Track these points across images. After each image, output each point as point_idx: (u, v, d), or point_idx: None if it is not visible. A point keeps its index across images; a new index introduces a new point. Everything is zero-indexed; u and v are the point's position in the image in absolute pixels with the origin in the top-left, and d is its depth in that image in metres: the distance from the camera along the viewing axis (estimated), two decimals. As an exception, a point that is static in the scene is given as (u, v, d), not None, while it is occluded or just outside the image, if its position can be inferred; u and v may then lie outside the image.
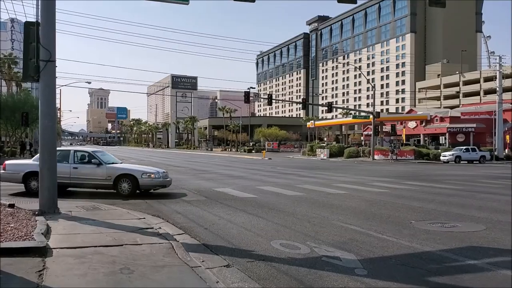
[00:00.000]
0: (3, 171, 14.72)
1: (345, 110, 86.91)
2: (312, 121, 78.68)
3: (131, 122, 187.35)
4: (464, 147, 49.54)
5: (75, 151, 14.85)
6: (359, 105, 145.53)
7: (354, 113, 62.47)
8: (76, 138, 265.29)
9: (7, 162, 15.56)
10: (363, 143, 75.77)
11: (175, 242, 7.50)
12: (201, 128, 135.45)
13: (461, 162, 44.62)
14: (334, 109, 78.65)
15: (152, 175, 14.08)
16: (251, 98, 50.52)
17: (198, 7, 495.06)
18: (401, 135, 61.04)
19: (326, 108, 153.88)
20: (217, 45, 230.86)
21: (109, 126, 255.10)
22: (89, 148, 16.43)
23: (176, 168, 30.17)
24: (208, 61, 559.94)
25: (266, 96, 49.76)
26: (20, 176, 14.19)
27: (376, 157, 50.80)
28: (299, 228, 8.87)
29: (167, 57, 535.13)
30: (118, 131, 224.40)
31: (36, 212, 9.55)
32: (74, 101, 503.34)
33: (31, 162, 14.36)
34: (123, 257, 6.45)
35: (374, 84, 67.45)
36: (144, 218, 9.91)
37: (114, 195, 13.67)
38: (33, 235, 7.19)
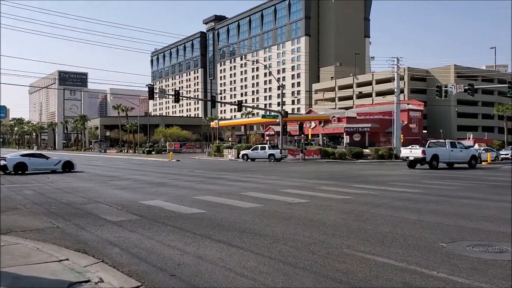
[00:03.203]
0: None
1: (252, 110, 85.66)
2: (216, 121, 76.28)
3: (12, 122, 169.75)
4: (254, 146, 51.45)
5: None
6: (257, 105, 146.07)
7: (264, 112, 61.29)
8: None
9: None
10: (267, 143, 74.98)
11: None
12: (91, 128, 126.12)
13: (248, 160, 46.39)
14: (236, 109, 76.93)
15: None
16: (155, 94, 46.55)
17: None
18: (307, 135, 60.95)
19: (228, 107, 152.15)
20: (109, 32, 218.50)
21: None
22: None
23: (75, 174, 25.56)
24: (100, 57, 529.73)
25: (171, 93, 46.43)
26: None
27: (285, 157, 49.69)
28: (312, 266, 6.06)
29: (53, 50, 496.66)
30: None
31: None
32: None
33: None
34: None
35: (283, 84, 66.93)
36: (67, 259, 6.41)
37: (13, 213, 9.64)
38: None
